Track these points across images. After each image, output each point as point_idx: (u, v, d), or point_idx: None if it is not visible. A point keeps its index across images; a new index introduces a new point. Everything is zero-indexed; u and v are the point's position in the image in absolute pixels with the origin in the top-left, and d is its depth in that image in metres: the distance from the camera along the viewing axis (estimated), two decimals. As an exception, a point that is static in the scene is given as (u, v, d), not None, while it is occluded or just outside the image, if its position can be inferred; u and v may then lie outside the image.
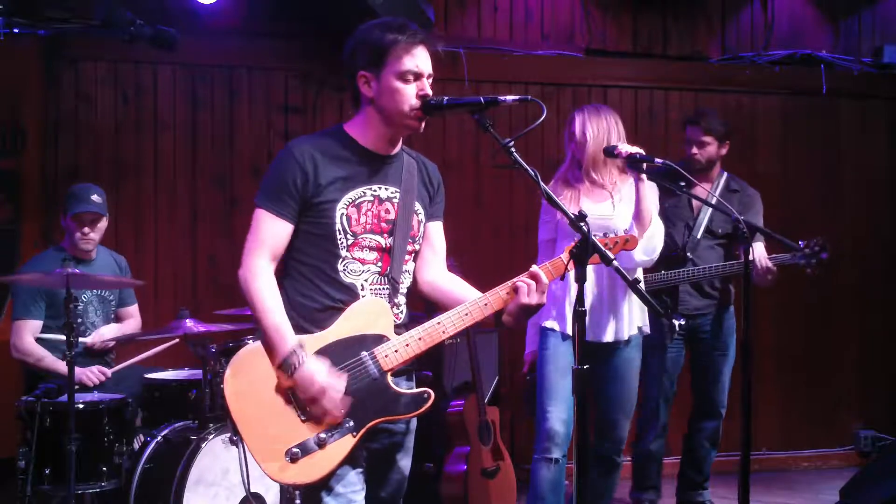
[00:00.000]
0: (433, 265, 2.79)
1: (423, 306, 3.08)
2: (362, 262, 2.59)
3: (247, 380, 2.50)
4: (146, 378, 4.36)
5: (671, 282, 4.42)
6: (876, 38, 6.41)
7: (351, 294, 2.58)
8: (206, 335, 4.13)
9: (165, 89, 5.38)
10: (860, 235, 6.34)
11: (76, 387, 3.88)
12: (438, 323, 2.57)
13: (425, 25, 5.20)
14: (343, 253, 2.57)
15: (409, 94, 2.56)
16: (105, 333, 4.44)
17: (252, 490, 3.92)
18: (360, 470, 2.57)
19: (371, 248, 2.60)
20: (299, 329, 2.54)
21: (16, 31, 2.92)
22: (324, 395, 2.45)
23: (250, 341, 4.17)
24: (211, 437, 3.87)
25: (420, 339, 2.56)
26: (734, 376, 4.68)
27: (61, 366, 4.19)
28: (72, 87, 5.25)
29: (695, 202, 4.54)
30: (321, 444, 2.46)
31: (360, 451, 2.55)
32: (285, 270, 2.62)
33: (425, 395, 2.57)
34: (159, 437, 3.98)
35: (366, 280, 2.60)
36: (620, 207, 3.77)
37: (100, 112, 5.29)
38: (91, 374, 4.23)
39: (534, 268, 2.59)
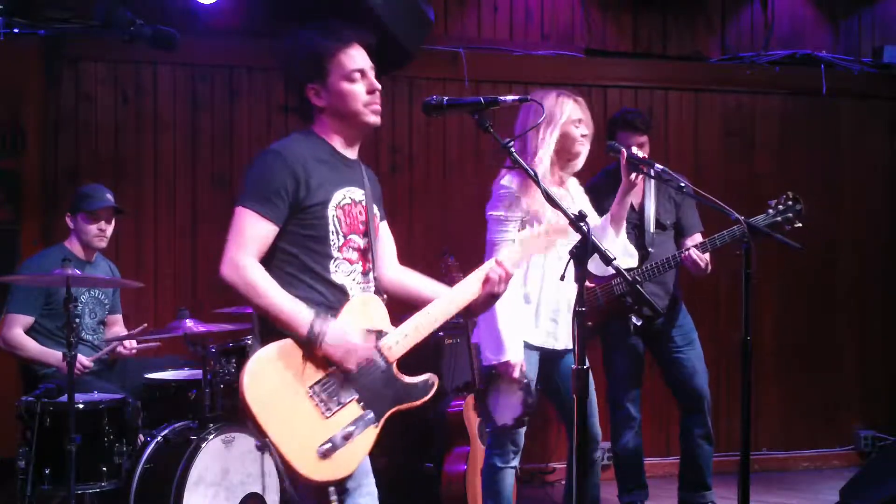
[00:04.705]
0: (391, 262, 2.94)
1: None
2: (350, 261, 2.70)
3: (266, 384, 2.49)
4: (146, 378, 4.37)
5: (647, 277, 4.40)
6: (876, 38, 6.41)
7: (342, 293, 2.66)
8: (206, 335, 4.13)
9: (165, 89, 5.38)
10: (860, 235, 6.34)
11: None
12: (428, 313, 2.71)
13: (425, 25, 5.19)
14: (335, 253, 2.65)
15: (360, 92, 2.68)
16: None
17: (252, 490, 3.93)
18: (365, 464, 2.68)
19: (354, 249, 2.70)
20: None
21: (16, 31, 2.92)
22: (356, 349, 2.54)
23: (250, 341, 4.26)
24: (211, 437, 3.87)
25: (416, 328, 2.69)
26: (734, 376, 4.68)
27: (48, 354, 4.20)
28: (72, 87, 5.24)
29: (634, 199, 4.50)
30: (348, 438, 2.51)
31: None
32: (270, 273, 2.61)
33: (430, 381, 2.72)
34: (159, 437, 3.98)
35: (353, 279, 2.70)
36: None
37: (100, 112, 5.29)
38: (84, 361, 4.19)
39: (498, 257, 2.79)
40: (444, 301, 2.73)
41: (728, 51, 6.18)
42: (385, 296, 2.80)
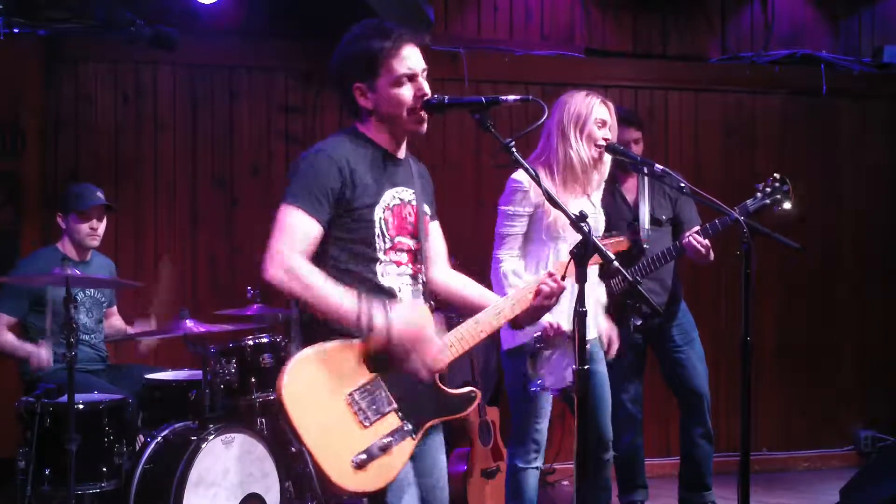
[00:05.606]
0: (440, 264, 2.84)
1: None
2: (398, 264, 2.60)
3: (304, 386, 2.39)
4: (146, 378, 4.37)
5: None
6: (876, 38, 6.41)
7: (390, 297, 2.56)
8: (206, 335, 4.13)
9: (165, 89, 5.38)
10: (860, 235, 6.34)
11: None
12: (476, 323, 2.63)
13: (425, 25, 5.19)
14: (381, 256, 2.56)
15: (407, 97, 2.56)
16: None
17: (252, 490, 3.92)
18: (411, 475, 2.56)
19: (402, 251, 2.61)
20: (343, 335, 2.46)
21: (16, 31, 2.92)
22: (425, 338, 2.45)
23: (250, 341, 4.26)
24: (211, 437, 3.87)
25: (462, 339, 2.60)
26: (734, 376, 4.66)
27: (19, 347, 4.19)
28: (72, 88, 5.25)
29: (629, 196, 4.52)
30: (385, 449, 2.42)
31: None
32: None
33: (472, 394, 2.65)
34: (159, 438, 3.97)
35: (402, 282, 2.60)
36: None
37: (100, 112, 5.29)
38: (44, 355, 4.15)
39: (551, 269, 2.71)
40: (491, 312, 2.64)
41: (728, 51, 6.18)
42: (432, 302, 2.69)
